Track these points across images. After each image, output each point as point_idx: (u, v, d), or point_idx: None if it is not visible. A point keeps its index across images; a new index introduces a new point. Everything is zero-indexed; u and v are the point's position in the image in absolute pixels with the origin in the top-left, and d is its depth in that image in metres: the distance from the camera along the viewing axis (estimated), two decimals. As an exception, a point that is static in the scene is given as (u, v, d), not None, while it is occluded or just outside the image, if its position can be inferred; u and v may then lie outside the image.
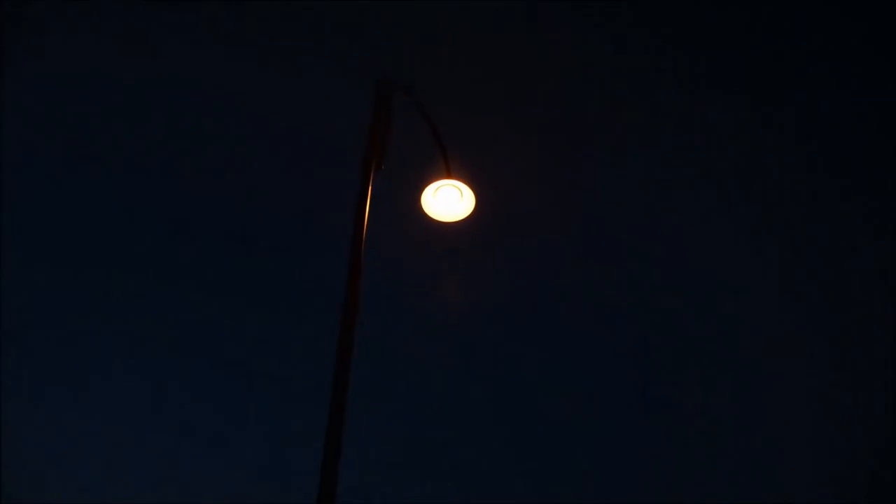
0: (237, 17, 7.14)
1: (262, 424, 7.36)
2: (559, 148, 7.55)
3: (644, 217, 7.76)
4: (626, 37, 7.45)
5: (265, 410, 7.37)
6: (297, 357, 7.33)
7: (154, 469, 7.14)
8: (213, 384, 7.42)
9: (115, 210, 7.42)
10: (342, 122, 6.73)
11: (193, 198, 7.39)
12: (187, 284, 7.43)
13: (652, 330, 7.90)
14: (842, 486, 7.39)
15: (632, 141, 7.58)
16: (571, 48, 7.37)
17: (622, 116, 7.55)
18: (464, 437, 7.61)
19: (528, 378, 7.82)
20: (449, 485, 7.45)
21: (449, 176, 4.54)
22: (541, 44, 7.35)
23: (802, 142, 7.49)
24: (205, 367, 7.40)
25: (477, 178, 4.61)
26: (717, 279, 7.85)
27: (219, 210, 7.44)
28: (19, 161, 6.97)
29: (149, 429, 7.21)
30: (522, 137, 7.42)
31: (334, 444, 3.29)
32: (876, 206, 7.44)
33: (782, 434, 7.67)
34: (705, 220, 7.77)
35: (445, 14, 7.20)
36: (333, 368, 3.41)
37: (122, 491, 7.03)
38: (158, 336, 7.36)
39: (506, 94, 7.36)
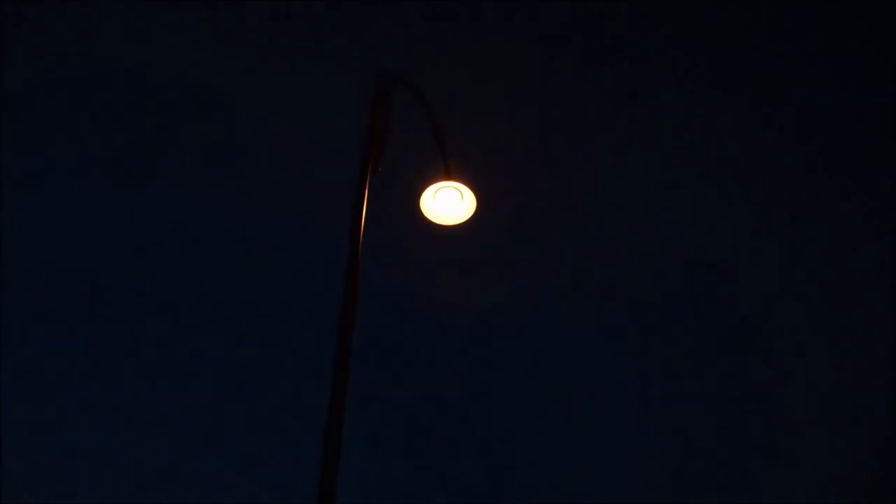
0: (237, 16, 7.13)
1: (259, 427, 7.35)
2: (560, 148, 7.55)
3: (644, 217, 7.76)
4: (626, 37, 7.45)
5: (261, 412, 7.37)
6: (294, 362, 7.32)
7: (150, 469, 7.15)
8: (209, 383, 7.42)
9: (113, 207, 7.42)
10: (340, 122, 6.72)
11: (188, 196, 7.38)
12: (183, 282, 7.42)
13: (652, 331, 7.90)
14: (842, 486, 7.40)
15: (633, 141, 7.58)
16: (572, 48, 7.37)
17: (622, 116, 7.55)
18: (464, 441, 7.62)
19: (529, 382, 7.82)
20: (448, 485, 7.45)
21: (449, 177, 4.48)
22: (541, 43, 7.35)
23: (802, 142, 7.49)
24: (200, 366, 7.39)
25: (479, 180, 4.58)
26: (717, 279, 7.84)
27: (210, 211, 7.42)
28: (17, 163, 6.98)
29: (146, 426, 7.21)
30: (523, 138, 7.42)
31: (333, 446, 3.29)
32: (876, 206, 7.44)
33: (782, 434, 7.67)
34: (706, 220, 7.77)
35: (445, 13, 7.19)
36: (332, 373, 3.40)
37: (119, 493, 7.04)
38: (154, 332, 7.36)
39: (506, 95, 7.35)
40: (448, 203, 4.53)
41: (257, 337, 7.47)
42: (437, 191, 4.50)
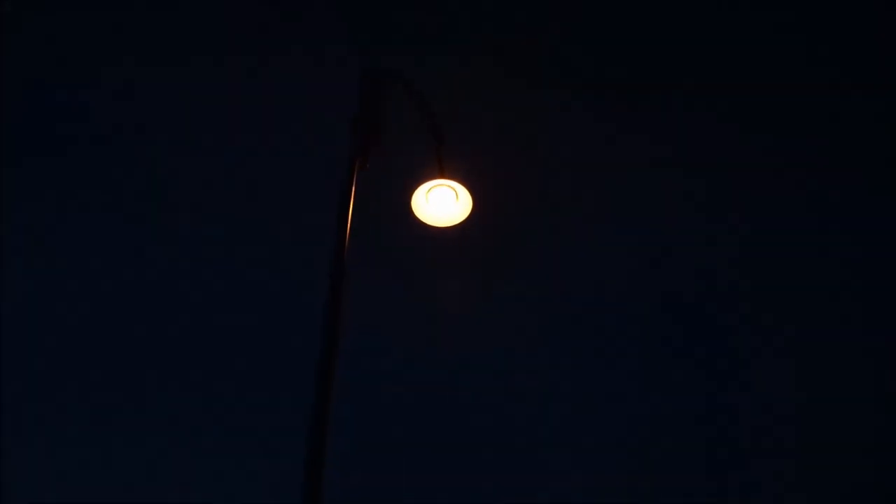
0: (235, 13, 7.13)
1: (247, 430, 7.33)
2: (560, 146, 7.54)
3: (646, 217, 7.74)
4: (627, 36, 7.43)
5: (249, 415, 7.34)
6: (282, 362, 7.30)
7: (142, 470, 7.14)
8: (200, 382, 7.40)
9: (108, 204, 7.42)
10: (329, 118, 6.65)
11: (179, 196, 7.37)
12: (171, 280, 7.40)
13: (655, 331, 7.89)
14: (841, 486, 7.37)
15: (635, 140, 7.56)
16: (573, 45, 7.36)
17: (623, 115, 7.53)
18: (463, 442, 7.60)
19: (528, 383, 7.80)
20: (447, 486, 7.44)
21: (443, 175, 4.25)
22: (542, 41, 7.34)
23: (801, 142, 7.46)
24: (189, 367, 7.38)
25: (475, 182, 4.46)
26: (717, 280, 7.83)
27: (201, 208, 7.40)
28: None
29: (136, 427, 7.20)
30: (523, 134, 7.41)
31: (317, 450, 3.25)
32: (876, 206, 7.42)
33: (782, 434, 7.65)
34: (707, 220, 7.75)
35: (444, 9, 7.19)
36: (316, 376, 3.35)
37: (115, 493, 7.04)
38: (143, 331, 7.36)
39: (504, 89, 7.34)
40: (442, 203, 4.31)
41: (244, 336, 7.45)
42: (429, 190, 4.29)
